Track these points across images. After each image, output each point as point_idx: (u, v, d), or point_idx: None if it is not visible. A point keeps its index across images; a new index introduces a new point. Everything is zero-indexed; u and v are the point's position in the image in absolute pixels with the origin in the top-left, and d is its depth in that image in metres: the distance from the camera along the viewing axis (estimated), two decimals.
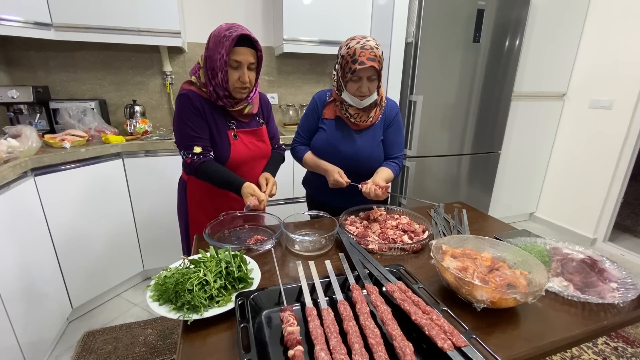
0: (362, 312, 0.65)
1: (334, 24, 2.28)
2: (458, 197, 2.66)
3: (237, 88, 1.10)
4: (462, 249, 0.85)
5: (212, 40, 1.05)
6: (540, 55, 2.70)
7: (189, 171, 1.13)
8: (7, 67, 2.03)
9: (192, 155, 1.10)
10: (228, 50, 1.02)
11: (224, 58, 1.02)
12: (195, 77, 1.12)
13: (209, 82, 1.08)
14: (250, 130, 1.22)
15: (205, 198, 1.23)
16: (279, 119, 2.75)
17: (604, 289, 0.79)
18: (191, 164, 1.10)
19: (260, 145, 1.26)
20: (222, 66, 1.04)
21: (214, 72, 1.06)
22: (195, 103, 1.09)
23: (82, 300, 1.84)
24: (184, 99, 1.10)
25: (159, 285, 0.73)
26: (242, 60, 1.06)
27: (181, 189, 1.28)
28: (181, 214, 1.30)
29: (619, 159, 2.54)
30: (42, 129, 1.98)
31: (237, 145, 1.18)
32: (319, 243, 0.98)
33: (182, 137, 1.11)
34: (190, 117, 1.09)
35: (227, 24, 1.06)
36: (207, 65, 1.07)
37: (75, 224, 1.73)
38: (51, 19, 1.77)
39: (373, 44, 1.14)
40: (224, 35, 1.02)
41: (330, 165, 1.29)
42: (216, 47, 1.03)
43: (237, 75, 1.07)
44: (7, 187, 1.37)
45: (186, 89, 1.12)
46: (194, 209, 1.26)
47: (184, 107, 1.09)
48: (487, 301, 0.68)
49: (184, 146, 1.11)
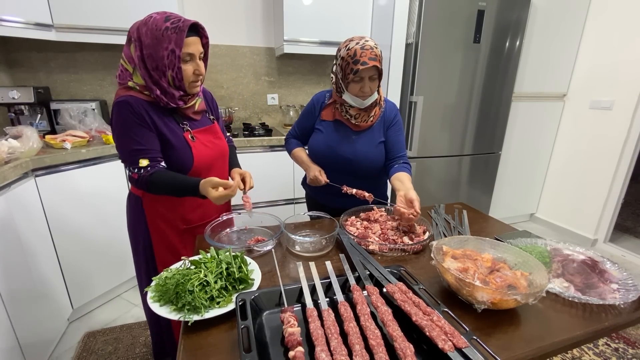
0: (363, 313, 0.65)
1: (334, 25, 2.28)
2: (459, 197, 2.66)
3: (192, 82, 1.00)
4: (463, 250, 0.85)
5: (147, 35, 0.91)
6: (541, 55, 2.70)
7: (139, 187, 1.01)
8: (8, 68, 2.03)
9: (137, 170, 0.96)
10: (180, 43, 0.91)
11: (176, 53, 0.91)
12: (132, 82, 0.98)
13: (154, 85, 0.95)
14: (205, 129, 1.11)
15: (167, 211, 1.10)
16: (279, 120, 2.76)
17: (604, 290, 0.79)
18: (138, 179, 0.97)
19: (219, 143, 1.15)
20: (172, 63, 0.92)
21: (159, 72, 0.94)
22: (138, 111, 0.95)
23: (83, 301, 1.84)
24: (123, 107, 0.94)
25: (160, 286, 0.73)
26: (195, 52, 0.96)
27: (134, 206, 1.11)
28: (138, 233, 1.13)
29: (619, 159, 2.54)
30: (43, 129, 1.98)
31: (198, 147, 1.06)
32: (320, 244, 0.98)
33: (126, 152, 0.98)
34: (133, 128, 0.95)
35: (159, 14, 0.93)
36: (148, 65, 0.93)
37: (76, 224, 1.73)
38: (52, 20, 1.78)
39: (372, 44, 1.15)
40: (166, 28, 0.90)
41: (312, 164, 1.33)
42: (158, 42, 0.90)
43: (191, 69, 0.97)
44: (8, 188, 1.38)
45: (124, 95, 0.95)
46: (157, 227, 1.10)
47: (124, 117, 0.95)
48: (488, 302, 0.68)
49: (129, 161, 0.97)
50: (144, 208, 1.09)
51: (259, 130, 2.28)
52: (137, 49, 0.94)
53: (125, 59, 0.98)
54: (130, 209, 1.15)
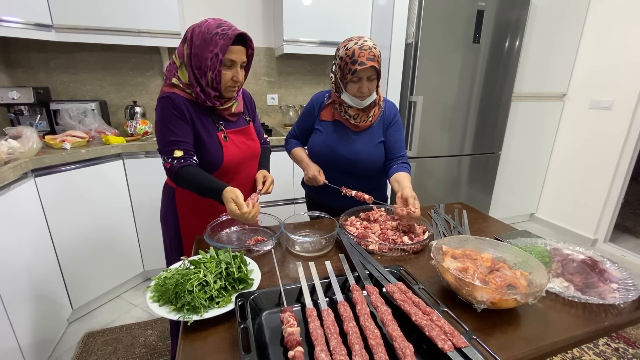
0: (363, 313, 0.65)
1: (334, 25, 2.28)
2: (458, 197, 2.66)
3: (229, 87, 1.06)
4: (463, 249, 0.85)
5: (198, 37, 0.99)
6: (540, 55, 2.70)
7: (169, 177, 1.06)
8: (7, 69, 2.03)
9: (171, 159, 1.02)
10: (224, 49, 0.97)
11: (219, 57, 0.98)
12: (176, 78, 1.05)
13: (195, 83, 1.02)
14: (239, 130, 1.17)
15: (197, 204, 1.15)
16: (279, 120, 2.75)
17: (604, 289, 0.79)
18: (170, 168, 1.02)
19: (251, 144, 1.20)
20: (214, 65, 0.99)
21: (201, 71, 1.01)
22: (179, 106, 1.02)
23: (82, 301, 1.84)
24: (166, 102, 1.02)
25: (159, 286, 0.73)
26: (237, 60, 1.02)
27: (168, 197, 1.18)
28: (169, 222, 1.20)
29: (619, 159, 2.54)
30: (42, 130, 1.98)
31: (229, 147, 1.12)
32: (319, 244, 0.98)
33: (163, 142, 1.04)
34: (173, 120, 1.02)
35: (214, 20, 1.01)
36: (193, 63, 1.01)
37: (76, 224, 1.73)
38: (52, 20, 1.78)
39: (371, 44, 1.14)
40: (215, 33, 0.97)
41: (311, 163, 1.33)
42: (206, 45, 0.98)
43: (230, 75, 1.03)
44: (8, 188, 1.38)
45: (168, 91, 1.04)
46: (186, 217, 1.17)
47: (166, 110, 1.02)
48: (488, 302, 0.68)
49: (165, 151, 1.03)
50: (175, 199, 1.16)
51: None
52: (188, 47, 1.01)
53: (177, 55, 1.05)
54: (164, 199, 1.21)
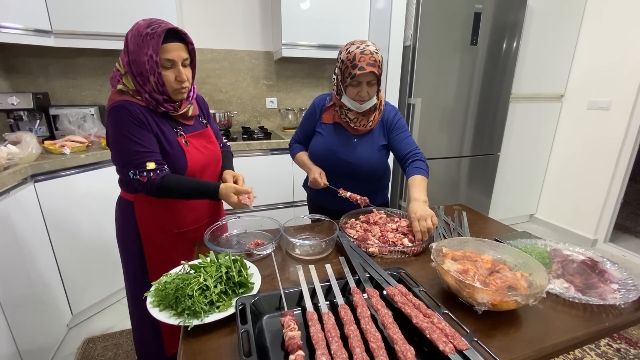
0: (363, 316, 0.65)
1: (332, 28, 2.29)
2: (458, 199, 2.66)
3: (176, 89, 0.99)
4: (463, 251, 0.85)
5: (132, 41, 0.92)
6: (538, 57, 2.71)
7: (147, 191, 0.98)
8: (7, 74, 2.04)
9: (146, 172, 0.95)
10: (156, 49, 0.90)
11: (154, 59, 0.91)
12: (121, 84, 0.98)
13: (142, 89, 0.96)
14: (198, 134, 1.11)
15: (160, 215, 1.08)
16: (278, 123, 2.76)
17: (605, 290, 0.79)
18: (148, 182, 0.95)
19: (212, 147, 1.15)
20: (152, 68, 0.92)
21: (143, 77, 0.94)
22: (135, 113, 0.95)
23: (82, 307, 1.83)
24: (122, 112, 0.94)
25: (160, 291, 0.72)
26: (175, 58, 0.94)
27: (126, 211, 1.09)
28: (128, 238, 1.12)
29: (617, 159, 2.55)
30: (42, 135, 1.98)
31: (191, 151, 1.06)
32: (319, 247, 0.98)
33: (129, 155, 0.95)
34: (133, 130, 0.94)
35: (145, 20, 0.93)
36: (134, 70, 0.94)
37: (75, 229, 1.72)
38: (51, 26, 1.78)
39: (373, 49, 1.14)
40: (146, 34, 0.90)
41: (314, 166, 1.33)
42: (140, 48, 0.91)
43: (172, 76, 0.96)
44: (7, 194, 1.37)
45: (119, 99, 0.96)
46: (149, 233, 1.09)
47: (124, 120, 0.94)
48: (488, 304, 0.68)
49: (134, 165, 0.95)
50: (135, 213, 1.08)
51: (258, 134, 2.29)
52: (126, 54, 0.95)
53: (121, 63, 0.98)
54: (120, 214, 1.13)
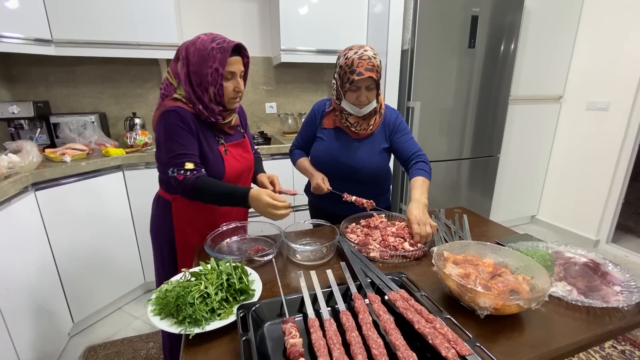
0: (365, 322, 0.65)
1: (330, 34, 2.31)
2: (459, 201, 2.66)
3: (232, 99, 1.08)
4: (464, 255, 0.85)
5: (194, 55, 1.00)
6: (536, 58, 2.72)
7: (181, 190, 1.02)
8: (8, 83, 2.05)
9: (184, 171, 1.00)
10: (224, 62, 0.99)
11: (220, 71, 0.99)
12: (176, 94, 1.05)
13: (197, 100, 1.03)
14: (237, 143, 1.18)
15: (196, 217, 1.14)
16: (278, 128, 2.77)
17: (607, 292, 0.79)
18: (184, 180, 1.00)
19: (247, 156, 1.22)
20: (215, 80, 1.00)
21: (202, 87, 1.02)
22: (186, 119, 1.02)
23: (83, 315, 1.83)
24: (172, 116, 1.01)
25: (160, 299, 0.72)
26: (236, 70, 1.04)
27: (163, 209, 1.16)
28: (162, 236, 1.18)
29: (618, 159, 2.55)
30: (42, 143, 1.99)
31: (229, 160, 1.13)
32: (320, 252, 0.98)
33: (172, 155, 1.02)
34: (180, 134, 1.02)
35: (207, 35, 1.01)
36: (193, 81, 1.02)
37: (76, 237, 1.72)
38: (51, 35, 1.80)
39: (371, 54, 1.15)
40: (212, 48, 0.99)
41: (316, 172, 1.33)
42: (204, 61, 0.99)
43: (232, 86, 1.05)
44: (8, 203, 1.38)
45: (172, 105, 1.03)
46: (183, 230, 1.15)
47: (173, 124, 1.01)
48: (491, 308, 0.68)
49: (174, 164, 1.01)
50: (172, 212, 1.14)
51: (258, 139, 2.29)
52: (184, 67, 1.02)
53: (172, 75, 1.06)
54: (157, 212, 1.19)
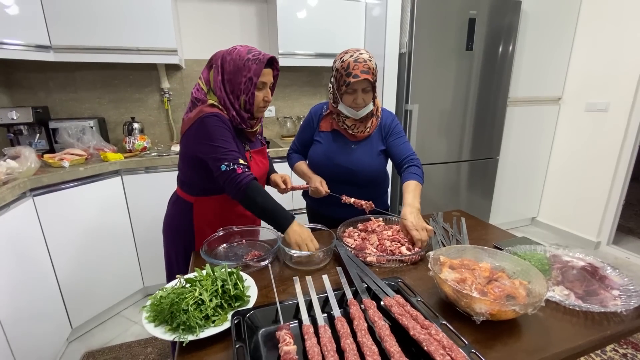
0: (360, 328, 0.64)
1: (328, 37, 2.32)
2: (458, 203, 2.65)
3: (260, 108, 1.12)
4: (461, 259, 0.84)
5: (230, 64, 1.05)
6: (534, 60, 2.72)
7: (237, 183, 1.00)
8: (7, 89, 2.06)
9: (242, 166, 1.02)
10: (258, 73, 1.04)
11: (254, 81, 1.04)
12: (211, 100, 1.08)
13: (231, 107, 1.07)
14: (258, 150, 1.23)
15: (216, 220, 1.16)
16: (277, 131, 2.77)
17: (605, 297, 0.78)
18: (242, 174, 1.01)
19: (265, 162, 1.27)
20: (247, 89, 1.05)
21: (234, 95, 1.07)
22: (228, 124, 1.06)
23: (82, 320, 1.82)
24: (217, 119, 1.04)
25: (155, 306, 0.72)
26: (267, 81, 1.10)
27: (182, 210, 1.18)
28: (179, 236, 1.20)
29: (618, 160, 2.54)
30: (41, 148, 1.99)
31: (253, 166, 1.16)
32: (317, 257, 0.97)
33: (224, 152, 1.02)
34: (227, 135, 1.05)
35: (243, 47, 1.07)
36: (227, 88, 1.07)
37: (74, 242, 1.72)
38: (50, 42, 1.81)
39: (366, 57, 1.16)
40: (247, 59, 1.04)
41: (313, 175, 1.33)
42: (239, 70, 1.04)
43: (262, 96, 1.10)
44: (7, 209, 1.38)
45: (212, 111, 1.05)
46: (202, 231, 1.16)
47: (220, 125, 1.04)
48: (487, 313, 0.67)
49: (228, 159, 1.01)
50: (194, 213, 1.17)
51: None
52: (219, 74, 1.07)
53: (203, 81, 1.10)
54: (175, 212, 1.21)
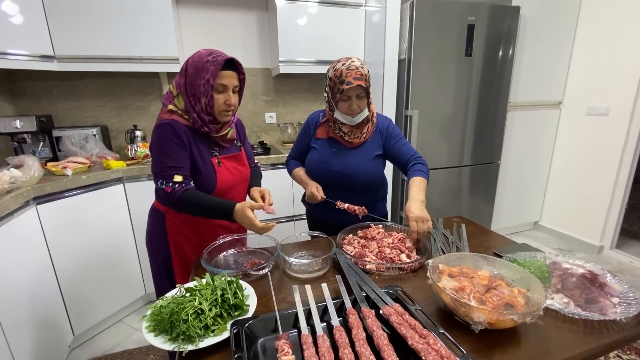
0: (358, 338, 0.64)
1: (328, 44, 2.33)
2: (460, 208, 2.65)
3: (222, 111, 1.10)
4: (460, 267, 0.85)
5: (191, 66, 1.05)
6: (534, 64, 2.72)
7: (169, 202, 1.05)
8: (11, 98, 2.09)
9: (172, 184, 1.03)
10: (215, 74, 1.02)
11: (210, 82, 1.03)
12: (173, 104, 1.09)
13: (192, 109, 1.07)
14: (232, 156, 1.20)
15: (188, 228, 1.16)
16: (278, 137, 2.78)
17: (605, 304, 0.78)
18: (172, 192, 1.03)
19: (242, 169, 1.24)
20: (206, 91, 1.04)
21: (195, 98, 1.05)
22: (178, 133, 1.05)
23: (84, 327, 1.82)
24: (166, 129, 1.05)
25: (155, 316, 0.72)
26: (228, 84, 1.07)
27: (156, 221, 1.18)
28: (157, 247, 1.20)
29: (620, 164, 2.53)
30: (45, 157, 2.01)
31: (222, 172, 1.15)
32: (316, 265, 0.98)
33: (161, 167, 1.05)
34: (172, 147, 1.05)
35: (206, 50, 1.06)
36: (188, 91, 1.06)
37: (77, 250, 1.73)
38: (54, 52, 1.83)
39: (358, 64, 1.18)
40: (207, 61, 1.03)
41: (310, 181, 1.35)
42: (198, 72, 1.03)
43: (222, 99, 1.07)
44: (10, 217, 1.39)
45: (167, 118, 1.07)
46: (177, 241, 1.17)
47: (165, 137, 1.05)
48: (485, 322, 0.67)
49: (163, 176, 1.04)
50: (165, 223, 1.16)
51: (258, 149, 2.31)
52: (183, 77, 1.07)
53: (174, 85, 1.10)
54: (151, 223, 1.21)
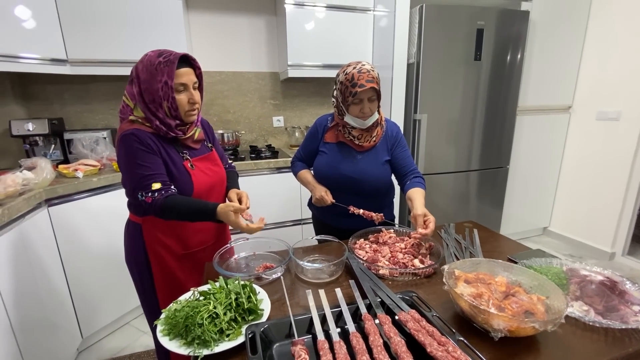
0: (376, 344, 0.63)
1: (337, 48, 2.34)
2: (468, 213, 2.62)
3: (188, 112, 1.04)
4: (476, 273, 0.83)
5: (143, 72, 0.99)
6: (543, 69, 2.70)
7: (153, 212, 0.99)
8: (24, 101, 2.11)
9: (151, 193, 0.98)
10: (171, 74, 0.97)
11: (169, 84, 0.97)
12: (133, 116, 1.03)
13: (153, 117, 1.01)
14: (203, 157, 1.15)
15: (167, 237, 1.11)
16: (285, 141, 2.79)
17: (626, 312, 0.76)
18: (153, 202, 0.98)
19: (217, 169, 1.19)
20: (166, 94, 0.98)
21: (155, 104, 0.99)
22: (145, 140, 0.99)
23: (93, 330, 1.83)
24: (131, 139, 0.98)
25: (169, 319, 0.72)
26: (187, 82, 1.01)
27: (133, 234, 1.13)
28: (137, 261, 1.14)
29: (631, 169, 2.49)
30: (56, 159, 2.03)
31: (197, 175, 1.10)
32: (328, 270, 0.97)
33: (137, 179, 0.99)
34: (142, 156, 0.99)
35: (154, 51, 1.00)
36: (146, 99, 1.00)
37: (87, 252, 1.74)
38: (67, 55, 1.86)
39: (369, 67, 1.19)
40: (159, 62, 0.97)
41: (317, 184, 1.35)
42: (153, 76, 0.97)
43: (185, 98, 1.02)
44: (22, 219, 1.41)
45: (129, 128, 1.00)
46: (156, 252, 1.12)
47: (133, 147, 0.98)
48: (505, 330, 0.66)
49: (141, 187, 0.98)
50: (143, 234, 1.11)
51: (266, 152, 2.31)
52: (136, 85, 1.01)
53: (128, 96, 1.04)
54: (128, 236, 1.16)
